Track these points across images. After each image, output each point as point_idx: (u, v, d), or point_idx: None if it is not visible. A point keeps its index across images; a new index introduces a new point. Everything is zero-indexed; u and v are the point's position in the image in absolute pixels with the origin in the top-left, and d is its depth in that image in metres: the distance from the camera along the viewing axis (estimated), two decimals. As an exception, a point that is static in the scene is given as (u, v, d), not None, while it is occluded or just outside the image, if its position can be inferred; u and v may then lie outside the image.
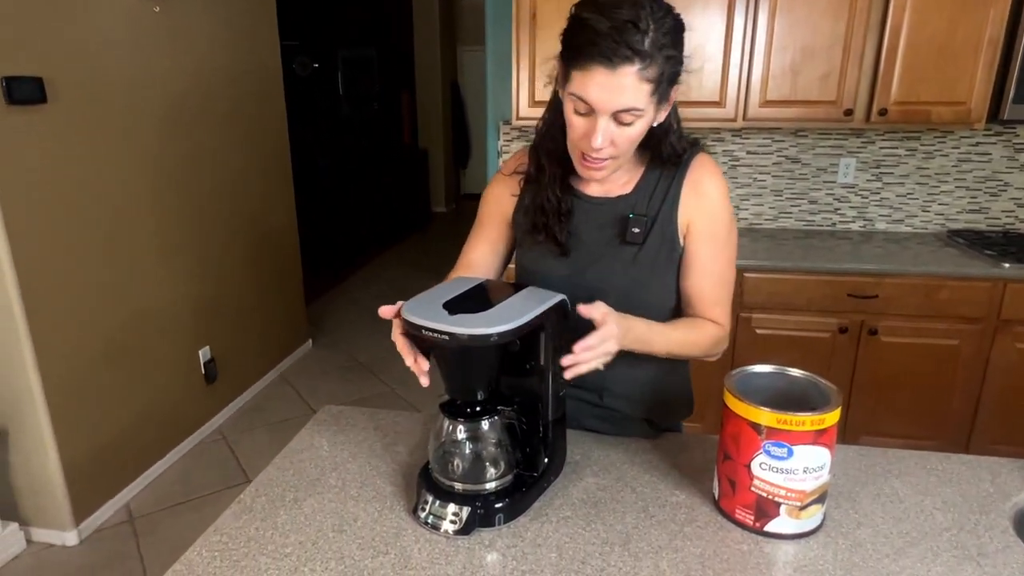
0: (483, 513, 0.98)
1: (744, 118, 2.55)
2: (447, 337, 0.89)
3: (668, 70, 0.94)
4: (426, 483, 1.02)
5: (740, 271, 2.46)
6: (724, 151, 2.89)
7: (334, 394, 3.44)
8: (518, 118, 2.65)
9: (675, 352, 1.11)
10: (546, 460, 1.05)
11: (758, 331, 2.51)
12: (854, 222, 2.94)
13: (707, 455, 1.17)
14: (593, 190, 1.14)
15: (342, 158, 5.68)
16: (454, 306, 0.95)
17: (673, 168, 1.10)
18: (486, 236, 1.22)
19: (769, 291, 2.47)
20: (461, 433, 1.02)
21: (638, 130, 0.99)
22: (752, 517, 0.98)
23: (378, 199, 6.15)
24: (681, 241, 1.12)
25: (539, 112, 2.63)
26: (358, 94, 5.97)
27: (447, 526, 0.97)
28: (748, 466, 0.96)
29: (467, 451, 1.02)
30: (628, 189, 1.12)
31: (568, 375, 0.95)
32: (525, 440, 1.04)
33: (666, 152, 1.09)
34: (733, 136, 2.88)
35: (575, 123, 1.00)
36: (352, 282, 5.26)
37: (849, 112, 2.48)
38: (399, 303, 0.98)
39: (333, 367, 3.76)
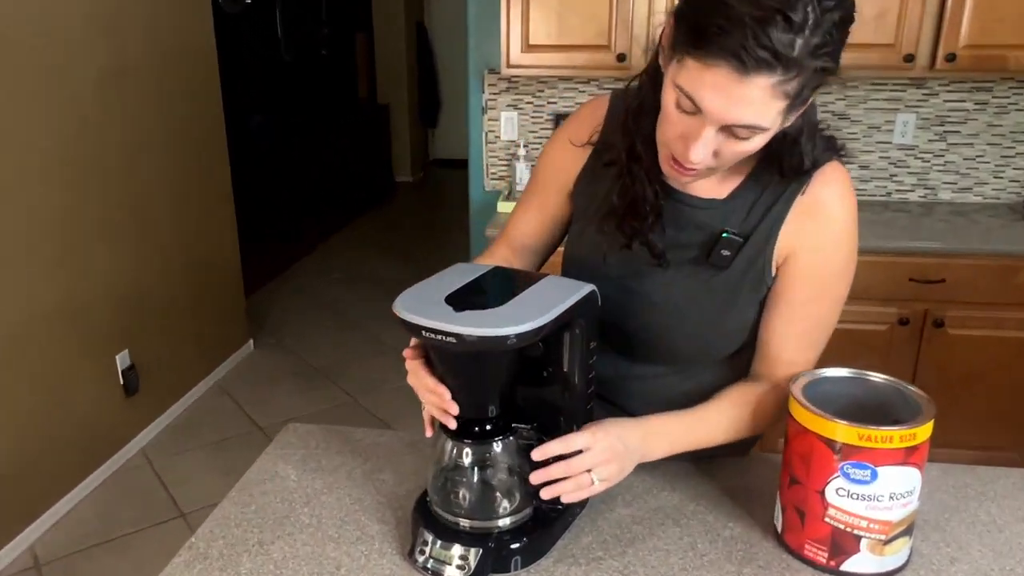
0: (496, 556, 0.97)
1: (784, 65, 2.54)
2: (453, 340, 0.87)
3: (815, 82, 0.84)
4: (424, 519, 1.01)
5: None
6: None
7: (284, 407, 3.42)
8: (509, 65, 2.62)
9: (725, 441, 1.07)
10: None
11: None
12: (913, 191, 2.96)
13: (766, 479, 1.17)
14: (676, 183, 1.07)
15: (282, 117, 5.61)
16: (459, 300, 0.93)
17: (788, 179, 1.01)
18: (539, 203, 1.20)
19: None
20: (468, 457, 1.01)
21: (753, 145, 0.90)
22: (826, 554, 0.98)
23: (328, 167, 6.10)
24: (772, 272, 1.05)
25: (537, 59, 2.61)
26: (301, 37, 5.89)
27: (452, 573, 0.96)
28: (821, 492, 0.96)
29: (475, 479, 1.01)
30: (722, 193, 1.05)
31: (544, 495, 0.94)
32: (547, 464, 1.01)
33: (788, 166, 0.99)
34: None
35: (673, 118, 0.90)
36: (299, 268, 5.22)
37: (909, 58, 2.49)
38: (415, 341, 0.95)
39: (281, 373, 3.74)
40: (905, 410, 0.98)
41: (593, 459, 0.95)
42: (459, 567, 0.96)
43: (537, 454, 0.94)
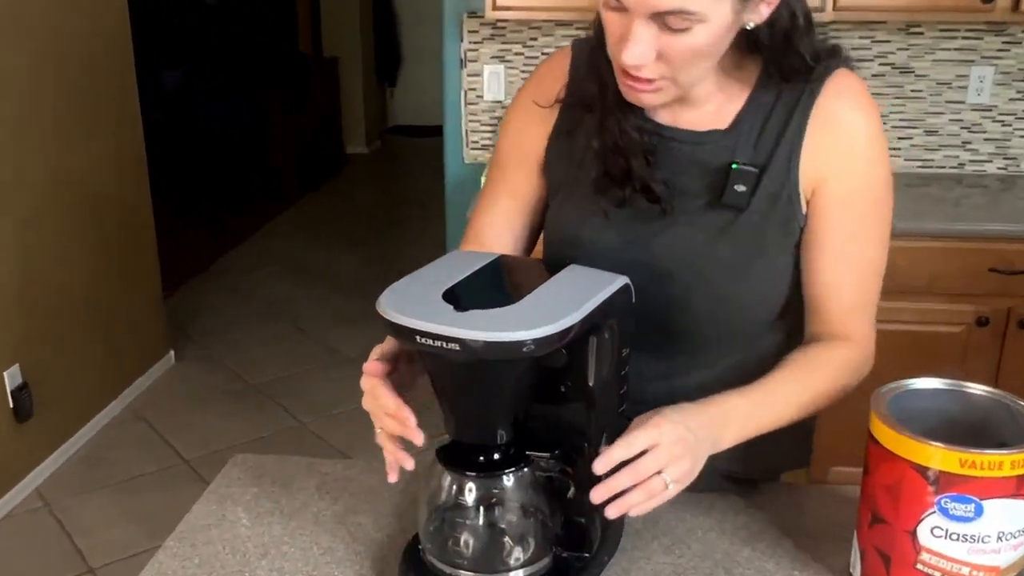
0: None
1: (834, 7, 2.55)
2: (456, 347, 0.86)
3: None
4: (416, 572, 1.01)
5: None
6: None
7: (214, 434, 3.40)
8: (495, 7, 2.61)
9: (801, 416, 1.10)
10: (599, 533, 1.04)
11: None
12: (991, 161, 2.99)
13: (836, 515, 1.17)
14: (665, 118, 1.12)
15: (204, 73, 5.57)
16: (461, 297, 0.93)
17: (796, 92, 1.07)
18: (508, 189, 1.21)
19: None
20: (471, 494, 1.00)
21: (700, 41, 0.97)
22: None
23: (262, 135, 6.05)
24: (804, 208, 1.09)
25: (528, 0, 2.60)
26: (230, -26, 5.86)
27: None
28: (913, 533, 0.95)
29: (480, 522, 1.01)
30: (723, 122, 1.10)
31: (610, 513, 0.94)
32: (568, 504, 1.02)
33: (785, 67, 1.06)
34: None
35: (607, 20, 1.00)
36: (228, 261, 5.18)
37: (989, -3, 2.50)
38: (380, 349, 0.97)
39: (209, 392, 3.72)
40: (1013, 430, 0.97)
41: (663, 457, 0.94)
42: None
43: (600, 465, 0.93)
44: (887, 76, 2.90)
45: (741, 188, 1.06)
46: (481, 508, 1.01)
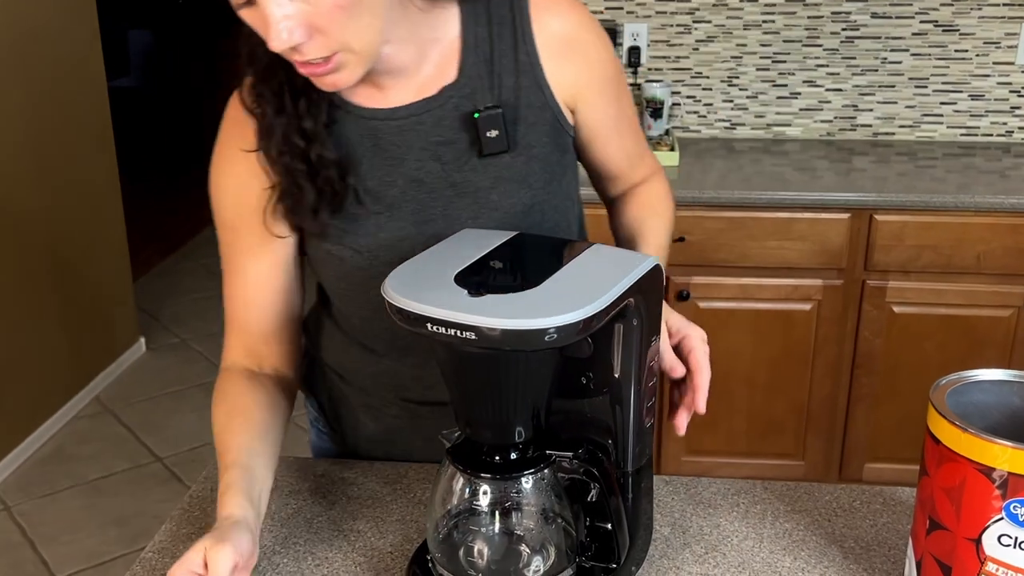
0: None
1: (873, -42, 2.53)
2: (472, 335, 0.85)
3: None
4: None
5: (864, 210, 2.46)
6: (833, 12, 2.87)
7: (190, 430, 3.39)
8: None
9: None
10: (627, 540, 1.03)
11: (895, 308, 2.54)
12: (1042, 129, 2.97)
13: (887, 522, 1.17)
14: (396, 99, 1.13)
15: (174, 35, 5.54)
16: (475, 280, 0.92)
17: (503, 12, 1.12)
18: (255, 253, 1.17)
19: (913, 243, 2.49)
20: (486, 498, 1.00)
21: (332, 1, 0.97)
22: None
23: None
24: (569, 118, 1.18)
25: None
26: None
27: None
28: (977, 541, 0.94)
29: (496, 528, 1.01)
30: (450, 76, 1.13)
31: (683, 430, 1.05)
32: (592, 509, 1.01)
33: None
34: (852, -11, 2.87)
35: (249, 21, 0.99)
36: (204, 239, 5.16)
37: (1043, -53, 2.48)
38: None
39: (183, 383, 3.72)
40: (1086, 426, 0.96)
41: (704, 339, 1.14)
42: None
43: (701, 398, 1.13)
44: (929, 35, 2.88)
45: (493, 133, 1.11)
46: (496, 513, 1.00)
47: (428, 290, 0.90)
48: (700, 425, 2.71)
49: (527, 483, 0.99)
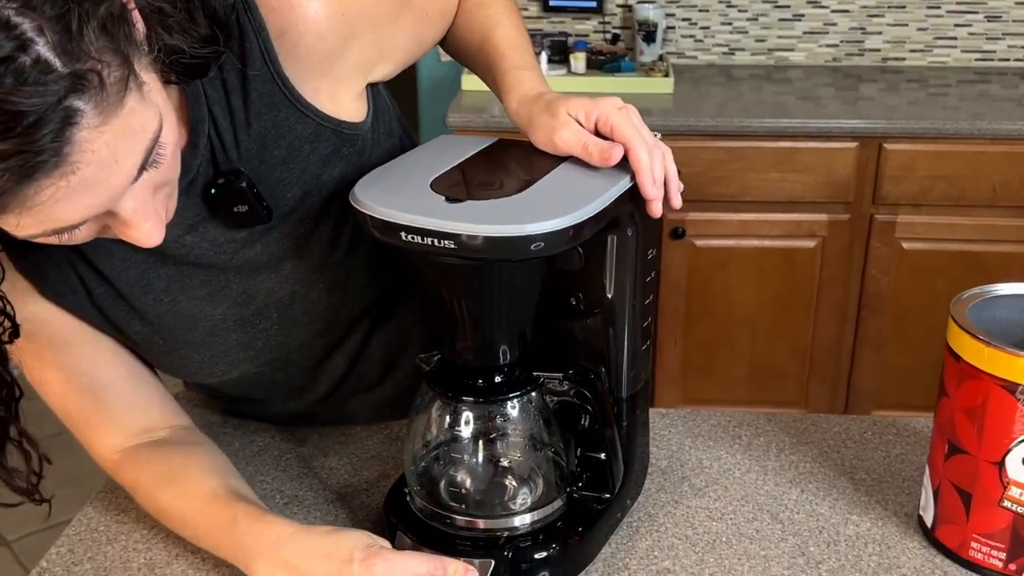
0: (514, 571, 0.96)
1: None
2: (451, 243, 0.84)
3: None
4: (401, 520, 1.00)
5: (872, 139, 2.47)
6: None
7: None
8: None
9: None
10: (622, 469, 1.03)
11: (905, 244, 2.54)
12: (1063, 52, 2.96)
13: (901, 453, 1.17)
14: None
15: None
16: (453, 187, 0.90)
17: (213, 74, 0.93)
18: (86, 361, 1.06)
19: (924, 174, 2.48)
20: (469, 425, 0.99)
21: (169, 158, 0.82)
22: (1003, 555, 0.97)
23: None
24: (369, 91, 1.05)
25: None
26: None
27: None
28: (1000, 464, 0.94)
29: (480, 458, 1.01)
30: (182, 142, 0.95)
31: (657, 208, 0.94)
32: (585, 436, 1.01)
33: (188, 71, 0.88)
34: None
35: (75, 238, 0.82)
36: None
37: None
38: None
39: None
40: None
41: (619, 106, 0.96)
42: None
43: (654, 187, 0.93)
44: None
45: (240, 208, 0.96)
46: (480, 442, 1.00)
47: (402, 196, 0.88)
48: (697, 371, 2.74)
49: (513, 408, 0.99)
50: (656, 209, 0.94)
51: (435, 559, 0.91)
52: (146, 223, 0.81)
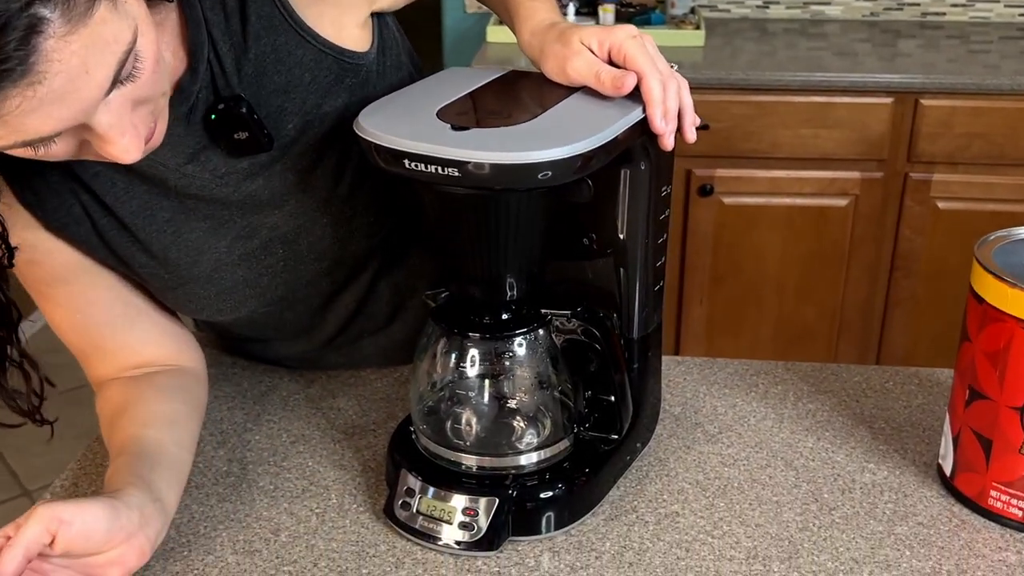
0: (518, 511, 0.96)
1: None
2: (455, 171, 0.83)
3: None
4: (407, 459, 1.00)
5: (909, 94, 2.44)
6: None
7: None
8: None
9: None
10: (631, 412, 1.02)
11: (940, 203, 2.51)
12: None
13: (918, 398, 1.17)
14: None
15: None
16: (460, 116, 0.89)
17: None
18: (84, 296, 1.07)
19: (962, 131, 2.45)
20: (475, 362, 1.00)
21: (149, 69, 0.80)
22: (1023, 504, 0.96)
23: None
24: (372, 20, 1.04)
25: None
26: None
27: (452, 534, 0.96)
28: (1022, 410, 0.93)
29: (486, 397, 1.01)
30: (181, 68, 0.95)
31: (668, 142, 0.92)
32: (594, 376, 1.00)
33: None
34: None
35: (53, 154, 0.82)
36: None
37: None
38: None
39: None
40: None
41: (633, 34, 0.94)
42: (463, 526, 0.95)
43: (664, 121, 0.91)
44: None
45: (240, 135, 0.96)
46: (486, 380, 1.00)
47: (406, 124, 0.88)
48: (723, 331, 2.73)
49: (520, 345, 0.99)
50: (668, 143, 0.93)
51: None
52: (123, 138, 0.81)
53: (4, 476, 2.75)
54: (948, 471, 1.01)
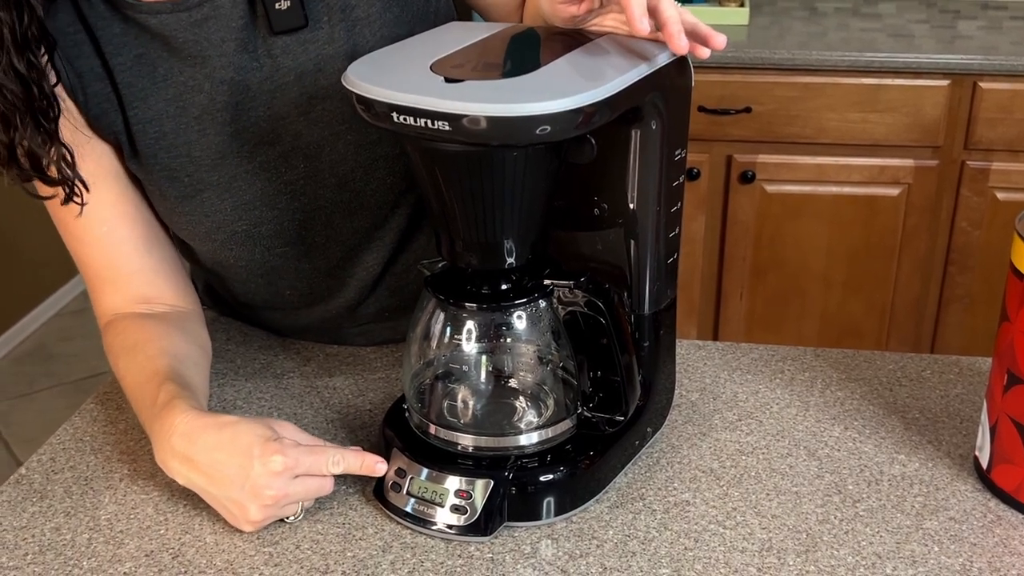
0: (517, 494, 0.96)
1: None
2: (446, 126, 0.81)
3: None
4: (400, 438, 1.00)
5: (967, 76, 2.41)
6: None
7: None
8: None
9: None
10: (638, 392, 1.01)
11: (999, 194, 2.49)
12: None
13: (954, 387, 1.15)
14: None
15: None
16: (456, 68, 0.88)
17: None
18: (120, 207, 1.11)
19: (1023, 116, 2.39)
20: (473, 336, 0.98)
21: None
22: None
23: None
24: None
25: None
26: None
27: (446, 517, 0.95)
28: (1061, 395, 0.90)
29: (483, 374, 1.00)
30: None
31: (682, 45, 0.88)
32: (600, 353, 0.99)
33: None
34: None
35: None
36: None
37: None
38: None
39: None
40: None
41: None
42: (456, 509, 0.94)
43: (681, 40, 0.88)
44: None
45: (285, 4, 1.03)
46: (483, 355, 1.00)
47: (398, 76, 0.87)
48: (763, 326, 2.70)
49: (520, 317, 0.97)
50: (701, 52, 0.93)
51: (329, 450, 0.94)
52: None
53: (9, 464, 2.79)
54: (984, 463, 0.99)
